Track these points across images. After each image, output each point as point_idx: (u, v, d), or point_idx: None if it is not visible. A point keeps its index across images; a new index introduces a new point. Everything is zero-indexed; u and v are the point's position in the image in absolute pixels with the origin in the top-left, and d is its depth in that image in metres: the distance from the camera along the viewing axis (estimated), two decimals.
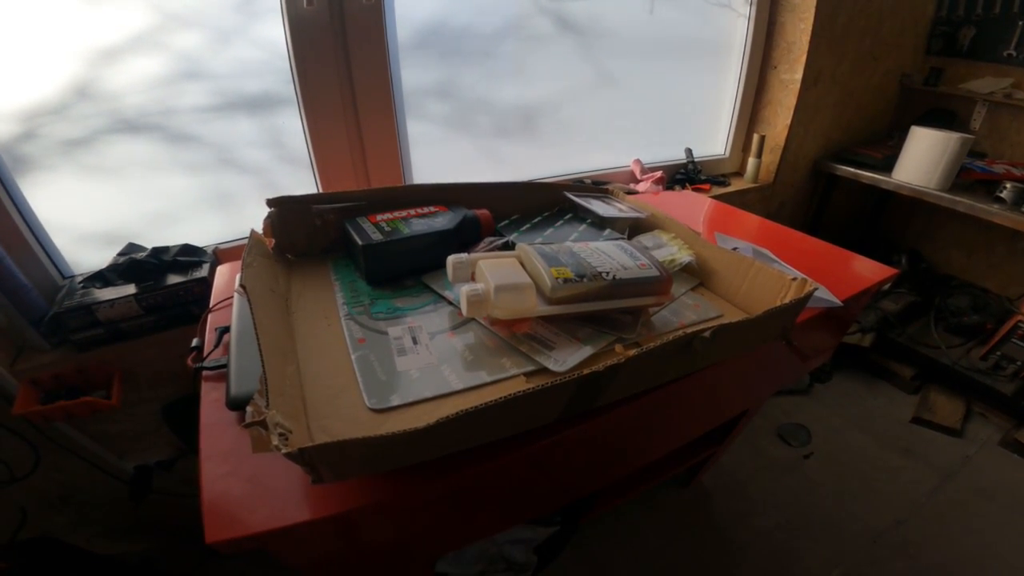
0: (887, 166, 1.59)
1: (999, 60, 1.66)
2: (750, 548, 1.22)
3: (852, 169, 1.65)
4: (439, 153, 1.17)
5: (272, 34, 0.91)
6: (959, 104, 1.77)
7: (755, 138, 1.57)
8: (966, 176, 1.51)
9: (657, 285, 0.58)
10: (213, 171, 0.96)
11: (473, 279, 0.57)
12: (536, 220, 0.79)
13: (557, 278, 0.53)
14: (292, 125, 0.99)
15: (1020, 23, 1.58)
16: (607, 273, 0.56)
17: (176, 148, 0.92)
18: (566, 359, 0.52)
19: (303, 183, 1.04)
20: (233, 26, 0.88)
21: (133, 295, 0.83)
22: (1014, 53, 1.62)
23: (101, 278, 0.86)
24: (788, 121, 1.55)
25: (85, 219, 0.91)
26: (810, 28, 1.41)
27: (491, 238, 0.72)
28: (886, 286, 1.80)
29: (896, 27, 1.66)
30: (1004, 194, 1.42)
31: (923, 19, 1.75)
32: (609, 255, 0.59)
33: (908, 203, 1.51)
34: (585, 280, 0.54)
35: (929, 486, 1.38)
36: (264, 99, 0.95)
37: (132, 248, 0.92)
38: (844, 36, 1.51)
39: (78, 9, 0.77)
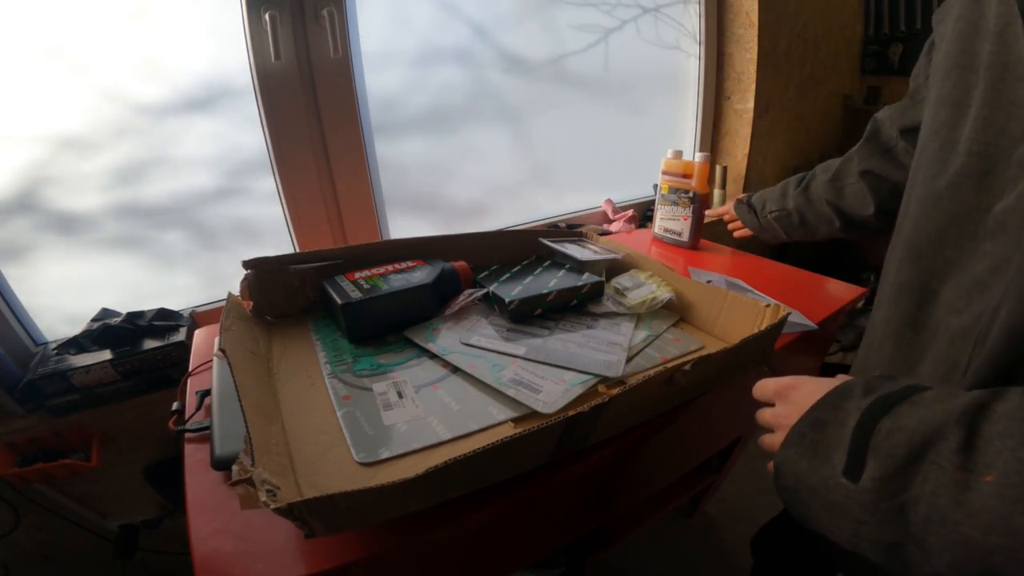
0: None
1: None
2: None
3: None
4: (416, 209, 1.17)
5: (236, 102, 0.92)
6: None
7: (718, 169, 1.63)
8: None
9: None
10: (186, 235, 0.96)
11: None
12: (515, 269, 0.79)
13: None
14: (265, 183, 0.99)
15: None
16: None
17: (148, 219, 0.92)
18: (553, 401, 0.52)
19: (279, 243, 1.04)
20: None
21: (109, 361, 0.82)
22: None
23: (75, 344, 0.85)
24: (747, 150, 1.61)
25: (57, 289, 0.89)
26: (755, 57, 1.47)
27: (471, 290, 0.73)
28: (859, 304, 1.83)
29: (831, 49, 1.75)
30: None
31: (854, 40, 1.84)
32: None
33: None
34: None
35: None
36: (235, 160, 0.96)
37: (106, 314, 0.90)
38: (786, 62, 1.59)
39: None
